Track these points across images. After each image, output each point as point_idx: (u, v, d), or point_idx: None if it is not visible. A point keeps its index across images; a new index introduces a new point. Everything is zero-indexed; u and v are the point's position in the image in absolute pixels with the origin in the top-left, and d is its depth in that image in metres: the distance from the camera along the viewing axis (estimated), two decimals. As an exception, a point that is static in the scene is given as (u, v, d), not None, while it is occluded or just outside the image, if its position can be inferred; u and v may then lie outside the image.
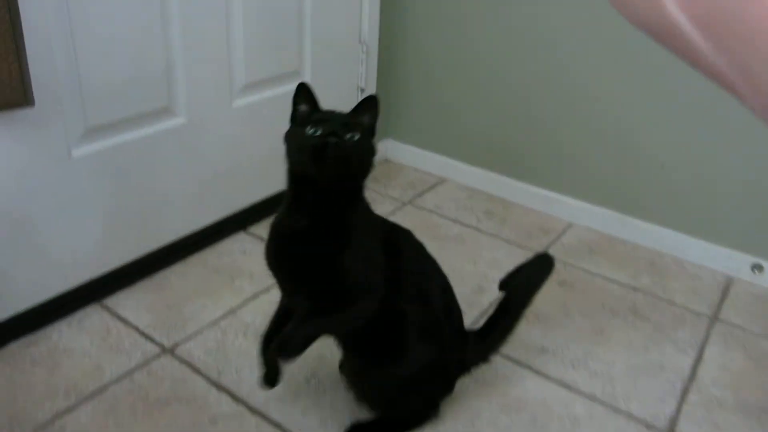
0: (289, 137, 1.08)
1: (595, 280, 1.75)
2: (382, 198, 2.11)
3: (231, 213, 1.79)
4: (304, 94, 1.09)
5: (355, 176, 1.09)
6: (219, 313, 1.55)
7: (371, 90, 2.16)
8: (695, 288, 1.74)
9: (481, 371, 1.42)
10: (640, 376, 1.42)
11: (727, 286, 1.75)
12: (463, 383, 1.38)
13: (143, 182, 1.56)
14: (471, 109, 2.10)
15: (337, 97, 2.04)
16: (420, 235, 1.91)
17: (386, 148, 2.34)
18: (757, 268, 1.75)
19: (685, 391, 1.39)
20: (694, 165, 1.76)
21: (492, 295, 1.66)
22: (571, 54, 1.85)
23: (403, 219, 1.98)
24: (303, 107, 1.09)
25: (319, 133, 1.02)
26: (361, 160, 1.07)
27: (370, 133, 1.09)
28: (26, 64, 1.18)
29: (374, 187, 2.17)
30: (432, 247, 1.85)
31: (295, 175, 1.08)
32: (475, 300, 1.64)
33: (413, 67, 2.19)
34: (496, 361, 1.45)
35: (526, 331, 1.54)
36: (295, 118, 1.10)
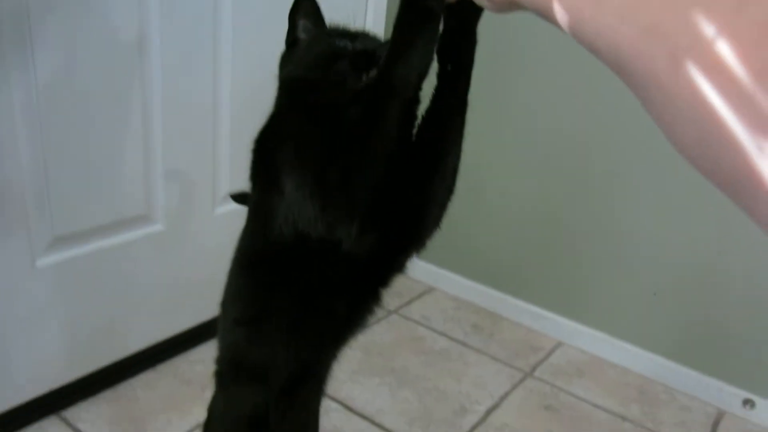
0: (310, 47, 0.78)
1: (582, 405, 1.68)
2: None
3: (206, 320, 1.73)
4: (305, 7, 0.79)
5: None
6: (184, 428, 1.47)
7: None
8: (685, 421, 1.66)
9: None
10: None
11: (717, 420, 1.68)
12: None
13: (114, 289, 1.51)
14: (465, 221, 2.08)
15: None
16: (404, 349, 1.86)
17: (374, 253, 2.31)
18: (748, 403, 1.68)
19: None
20: (686, 295, 1.72)
21: (475, 417, 1.59)
22: (578, 179, 1.85)
23: (388, 330, 1.94)
24: (305, 23, 0.80)
25: (354, 47, 0.74)
26: None
27: None
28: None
29: (359, 293, 2.13)
30: (415, 364, 1.79)
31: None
32: (456, 422, 1.57)
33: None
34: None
35: (507, 464, 1.45)
36: (296, 39, 0.80)
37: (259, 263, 0.84)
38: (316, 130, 0.73)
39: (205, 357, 1.71)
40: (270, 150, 0.78)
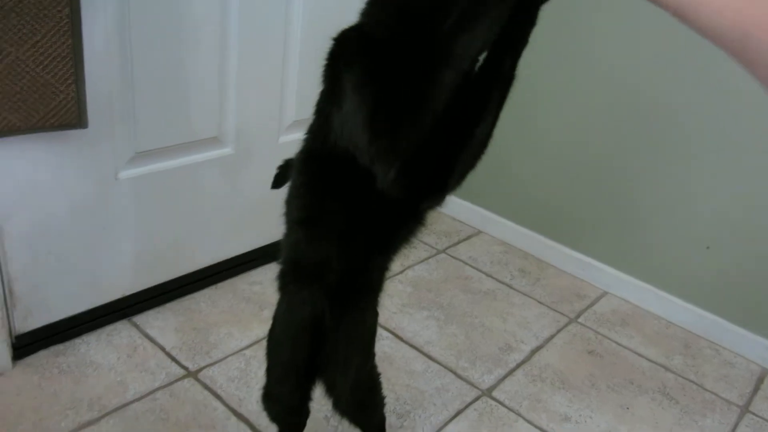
0: None
1: (625, 353, 1.72)
2: (417, 244, 2.11)
3: (266, 243, 1.80)
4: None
5: None
6: (245, 342, 1.56)
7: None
8: (728, 375, 1.69)
9: (500, 430, 1.40)
10: (663, 460, 1.39)
11: (761, 378, 1.70)
12: (481, 445, 1.36)
13: (185, 207, 1.59)
14: (517, 164, 2.11)
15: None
16: (451, 286, 1.91)
17: (426, 194, 2.35)
18: (793, 361, 1.70)
19: (709, 482, 1.35)
20: (739, 251, 1.73)
21: (520, 355, 1.65)
22: (634, 134, 1.85)
23: (435, 268, 1.99)
24: None
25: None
26: None
27: None
28: (83, 88, 1.21)
29: (410, 232, 2.18)
30: (462, 301, 1.84)
31: None
32: (502, 358, 1.63)
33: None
34: (516, 421, 1.42)
35: (549, 396, 1.51)
36: None
37: (316, 162, 0.89)
38: (387, 72, 0.76)
39: (263, 279, 1.79)
40: (344, 61, 0.81)
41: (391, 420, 1.38)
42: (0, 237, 1.28)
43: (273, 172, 1.15)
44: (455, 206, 2.29)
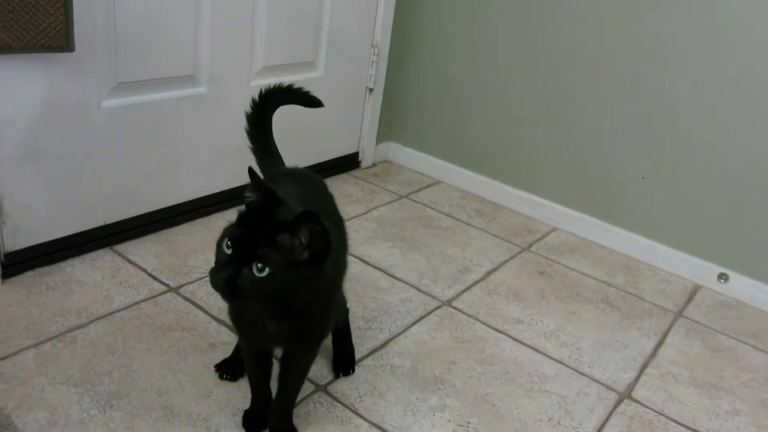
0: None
1: (572, 274, 1.88)
2: (380, 191, 2.24)
3: (239, 185, 1.92)
4: (252, 180, 0.91)
5: (291, 308, 0.94)
6: (221, 267, 1.66)
7: (379, 91, 2.32)
8: (665, 290, 1.86)
9: (459, 330, 1.53)
10: (605, 350, 1.54)
11: (694, 291, 1.88)
12: (441, 338, 1.50)
13: (162, 142, 1.69)
14: (473, 116, 2.26)
15: (346, 94, 2.21)
16: (413, 223, 2.05)
17: (388, 149, 2.49)
18: (723, 277, 1.88)
19: (644, 366, 1.51)
20: (671, 179, 1.90)
21: (477, 275, 1.79)
22: (571, 77, 2.02)
23: (398, 209, 2.12)
24: (252, 196, 0.91)
25: (228, 254, 0.87)
26: (279, 297, 0.88)
27: (307, 260, 0.88)
28: (71, 12, 1.31)
29: (374, 181, 2.32)
30: (424, 235, 1.98)
31: None
32: (460, 277, 1.77)
33: (422, 74, 2.35)
34: (474, 324, 1.57)
35: (504, 306, 1.66)
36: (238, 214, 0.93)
37: None
38: None
39: (236, 216, 1.90)
40: None
41: (359, 324, 1.51)
42: (-9, 155, 1.37)
43: (245, 114, 1.27)
44: (416, 160, 2.44)
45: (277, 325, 0.99)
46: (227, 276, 0.85)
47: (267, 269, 0.84)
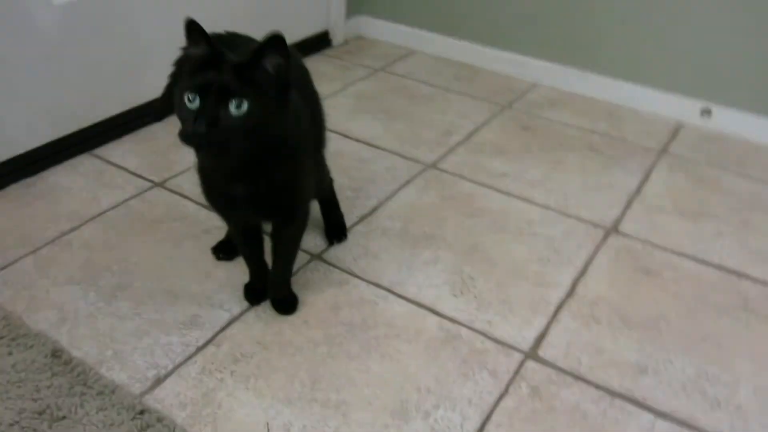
0: (175, 101, 0.87)
1: (555, 125, 1.88)
2: (355, 67, 2.20)
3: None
4: (193, 32, 0.88)
5: (251, 149, 0.91)
6: (204, 159, 1.66)
7: (341, -38, 2.23)
8: (648, 130, 1.87)
9: (446, 189, 1.56)
10: (591, 192, 1.57)
11: (677, 129, 1.89)
12: (429, 198, 1.52)
13: (124, 35, 1.64)
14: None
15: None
16: (391, 95, 2.03)
17: (359, 24, 2.42)
18: (705, 112, 1.88)
19: (630, 202, 1.54)
20: (650, 20, 1.86)
21: (459, 137, 1.79)
22: None
23: (375, 83, 2.09)
24: (193, 50, 0.88)
25: (196, 106, 0.84)
26: (258, 132, 0.87)
27: (274, 88, 0.87)
28: None
29: (348, 58, 2.27)
30: (403, 104, 1.96)
31: None
32: (443, 141, 1.77)
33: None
34: (460, 181, 1.59)
35: (488, 161, 1.67)
36: (181, 73, 0.90)
37: None
38: None
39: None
40: None
41: (347, 194, 1.53)
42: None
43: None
44: (389, 31, 2.37)
45: (247, 188, 0.97)
46: (209, 120, 0.82)
47: (245, 104, 0.84)
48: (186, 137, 0.85)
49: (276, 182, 0.99)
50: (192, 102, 0.84)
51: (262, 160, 0.94)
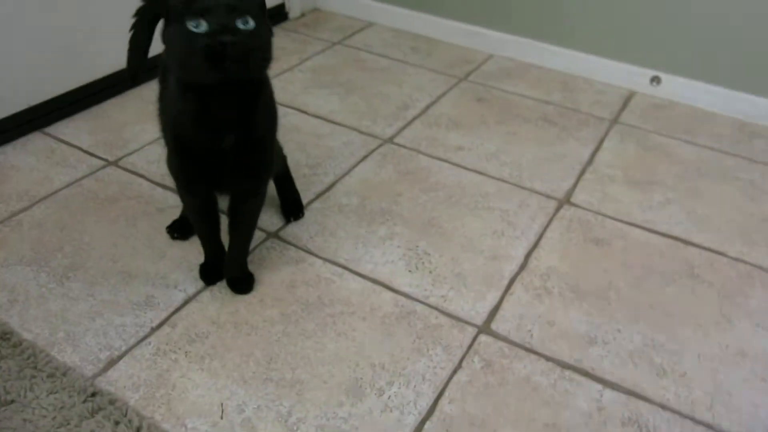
0: (170, 40, 0.87)
1: (511, 97, 1.90)
2: (312, 40, 2.18)
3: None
4: None
5: (261, 69, 0.94)
6: (158, 134, 1.64)
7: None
8: (600, 100, 1.90)
9: (403, 164, 1.57)
10: (544, 163, 1.59)
11: (628, 98, 1.92)
12: (386, 174, 1.53)
13: (68, 10, 1.60)
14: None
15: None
16: (348, 68, 2.02)
17: (315, -5, 2.39)
18: (655, 80, 1.91)
19: (582, 172, 1.57)
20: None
21: (416, 111, 1.80)
22: None
23: (332, 56, 2.08)
24: None
25: (205, 29, 0.84)
26: (264, 49, 0.91)
27: (262, 10, 0.90)
28: None
29: (304, 31, 2.24)
30: (360, 78, 1.96)
31: (189, 84, 0.91)
32: (400, 114, 1.77)
33: None
34: (416, 156, 1.60)
35: (444, 136, 1.68)
36: (169, 11, 0.88)
37: None
38: None
39: (166, 83, 1.85)
40: None
41: (303, 171, 1.53)
42: None
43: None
44: (346, 4, 2.35)
45: (236, 137, 0.97)
46: (231, 30, 0.84)
47: (250, 21, 0.86)
48: (209, 53, 0.83)
49: (259, 130, 1.00)
50: (199, 27, 0.84)
51: (253, 99, 0.96)
